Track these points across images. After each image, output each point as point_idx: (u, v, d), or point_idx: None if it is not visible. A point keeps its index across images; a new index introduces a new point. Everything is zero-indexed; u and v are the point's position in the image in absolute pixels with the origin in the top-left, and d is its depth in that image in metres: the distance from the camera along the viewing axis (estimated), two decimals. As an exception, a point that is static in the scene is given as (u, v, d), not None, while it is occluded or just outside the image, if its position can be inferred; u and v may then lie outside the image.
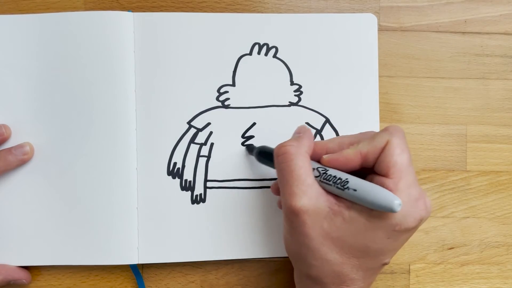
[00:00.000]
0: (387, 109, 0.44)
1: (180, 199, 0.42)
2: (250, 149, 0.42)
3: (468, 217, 0.44)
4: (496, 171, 0.45)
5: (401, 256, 0.44)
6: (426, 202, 0.32)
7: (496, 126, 0.45)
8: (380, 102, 0.44)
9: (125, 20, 0.42)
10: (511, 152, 0.45)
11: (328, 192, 0.33)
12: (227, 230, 0.42)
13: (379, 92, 0.44)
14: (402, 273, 0.44)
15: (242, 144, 0.43)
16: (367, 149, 0.33)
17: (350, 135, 0.36)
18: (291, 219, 0.33)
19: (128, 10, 0.43)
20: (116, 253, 0.41)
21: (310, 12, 0.44)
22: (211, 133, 0.42)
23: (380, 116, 0.43)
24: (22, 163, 0.41)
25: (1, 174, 0.40)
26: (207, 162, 0.42)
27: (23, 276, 0.41)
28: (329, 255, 0.32)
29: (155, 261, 0.41)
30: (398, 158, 0.32)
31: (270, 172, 0.42)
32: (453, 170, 0.44)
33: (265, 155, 0.39)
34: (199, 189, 0.42)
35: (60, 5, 0.43)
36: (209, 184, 0.42)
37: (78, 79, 0.41)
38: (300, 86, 0.43)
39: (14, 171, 0.41)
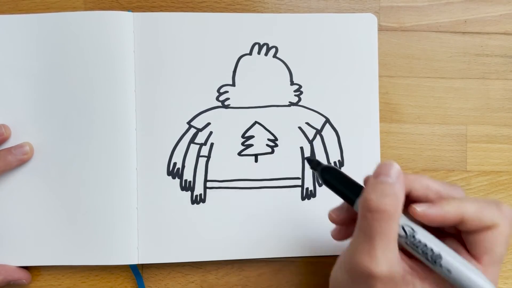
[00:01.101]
0: (387, 109, 0.44)
1: (180, 199, 0.42)
2: (316, 164, 0.34)
3: (468, 217, 0.44)
4: (496, 171, 0.45)
5: (401, 256, 0.44)
6: None
7: (496, 126, 0.45)
8: (380, 102, 0.44)
9: (125, 20, 0.42)
10: (511, 152, 0.45)
11: (404, 255, 0.30)
12: (227, 230, 0.42)
13: (379, 92, 0.44)
14: (402, 273, 0.44)
15: (242, 144, 0.43)
16: (472, 217, 0.29)
17: (437, 182, 0.31)
18: (360, 279, 0.29)
19: (128, 10, 0.43)
20: (116, 253, 0.41)
21: (310, 12, 0.44)
22: (211, 133, 0.42)
23: (380, 116, 0.43)
24: (21, 163, 0.41)
25: (0, 174, 0.40)
26: (207, 162, 0.42)
27: (23, 276, 0.41)
28: None
29: (155, 261, 0.41)
30: (499, 250, 0.29)
31: (270, 172, 0.42)
32: (453, 170, 0.44)
33: (338, 181, 0.32)
34: (199, 189, 0.42)
35: (60, 5, 0.43)
36: (209, 184, 0.42)
37: (78, 79, 0.41)
38: (300, 86, 0.43)
39: (14, 171, 0.41)
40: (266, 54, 0.43)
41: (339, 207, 0.34)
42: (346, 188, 0.32)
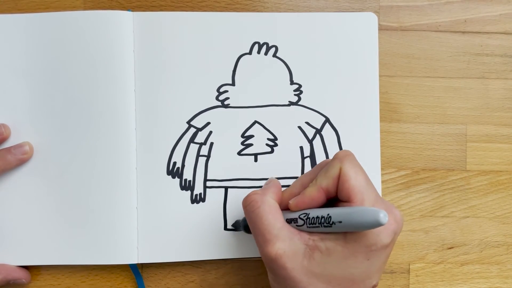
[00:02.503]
0: (387, 108, 0.44)
1: (180, 199, 0.42)
2: (236, 226, 0.42)
3: (468, 217, 0.44)
4: (496, 170, 0.45)
5: (401, 256, 0.44)
6: (395, 215, 0.32)
7: (496, 126, 0.45)
8: (380, 102, 0.43)
9: (124, 20, 0.42)
10: (511, 151, 0.45)
11: (300, 230, 0.33)
12: (227, 229, 0.42)
13: (379, 92, 0.43)
14: (402, 273, 0.44)
15: (242, 143, 0.43)
16: (326, 182, 0.33)
17: (308, 172, 0.36)
18: (272, 266, 0.33)
19: (128, 10, 0.43)
20: (116, 253, 0.41)
21: (310, 11, 0.44)
22: (210, 132, 0.42)
23: (380, 116, 0.43)
24: (21, 162, 0.41)
25: (0, 173, 0.40)
26: (207, 161, 0.42)
27: (22, 275, 0.41)
28: None
29: (154, 260, 0.41)
30: (355, 181, 0.32)
31: (270, 171, 0.42)
32: (453, 170, 0.44)
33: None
34: (198, 189, 0.42)
35: (60, 4, 0.43)
36: (208, 183, 0.42)
37: (77, 79, 0.41)
38: (300, 86, 0.43)
39: (13, 171, 0.41)
40: (266, 54, 0.43)
41: None
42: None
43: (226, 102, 0.43)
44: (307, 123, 0.43)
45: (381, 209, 0.29)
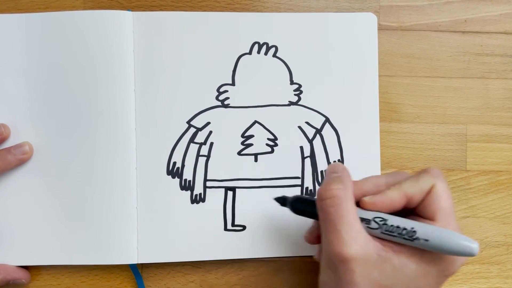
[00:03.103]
0: (387, 108, 0.44)
1: (180, 199, 0.42)
2: (281, 200, 0.38)
3: (468, 217, 0.44)
4: (496, 170, 0.45)
5: (401, 256, 0.44)
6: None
7: (496, 126, 0.45)
8: (380, 102, 0.43)
9: (124, 19, 0.42)
10: (511, 151, 0.45)
11: (375, 237, 0.32)
12: (227, 230, 0.42)
13: (379, 92, 0.43)
14: (402, 273, 0.44)
15: (242, 143, 0.43)
16: (412, 191, 0.32)
17: (383, 175, 0.35)
18: (338, 267, 0.31)
19: (128, 9, 0.43)
20: (116, 253, 0.41)
21: (310, 11, 0.44)
22: (210, 132, 0.42)
23: (380, 116, 0.43)
24: (21, 162, 0.41)
25: (0, 173, 0.40)
26: (207, 161, 0.42)
27: (22, 276, 0.41)
28: None
29: (154, 260, 0.41)
30: (445, 203, 0.32)
31: (270, 171, 0.42)
32: (453, 170, 0.44)
33: (304, 204, 0.36)
34: (198, 189, 0.42)
35: (60, 4, 0.43)
36: (208, 183, 0.42)
37: (77, 79, 0.41)
38: (300, 86, 0.43)
39: (13, 171, 0.41)
40: (266, 54, 0.43)
41: (310, 228, 0.38)
42: (313, 206, 0.34)
43: (226, 102, 0.43)
44: (307, 123, 0.43)
45: (474, 240, 0.29)
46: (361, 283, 0.31)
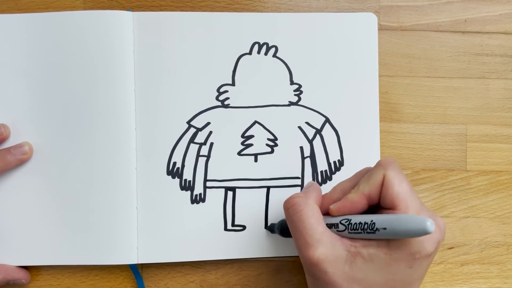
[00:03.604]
0: (387, 108, 0.44)
1: (180, 199, 0.42)
2: (271, 228, 0.42)
3: (468, 217, 0.44)
4: (496, 170, 0.45)
5: (401, 256, 0.44)
6: (439, 224, 0.32)
7: (496, 126, 0.45)
8: (380, 102, 0.43)
9: (124, 20, 0.42)
10: (511, 151, 0.45)
11: (342, 236, 0.33)
12: (227, 230, 0.42)
13: (379, 92, 0.43)
14: (402, 273, 0.44)
15: (242, 143, 0.43)
16: (368, 188, 0.33)
17: (349, 179, 0.36)
18: (312, 271, 0.33)
19: (128, 10, 0.43)
20: (116, 253, 0.41)
21: (310, 11, 0.44)
22: (210, 132, 0.42)
23: (380, 116, 0.43)
24: (21, 162, 0.41)
25: (0, 174, 0.40)
26: (207, 161, 0.42)
27: (22, 276, 0.41)
28: None
29: (154, 261, 0.41)
30: (399, 188, 0.32)
31: (270, 171, 0.42)
32: (453, 170, 0.44)
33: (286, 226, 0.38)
34: (198, 189, 0.42)
35: (60, 4, 0.43)
36: (208, 184, 0.42)
37: (77, 79, 0.41)
38: (300, 86, 0.43)
39: (13, 171, 0.41)
40: (266, 54, 0.43)
41: None
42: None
43: (226, 102, 0.43)
44: (307, 123, 0.43)
45: (428, 217, 0.29)
46: (337, 281, 0.32)
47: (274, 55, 0.43)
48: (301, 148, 0.43)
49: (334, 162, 0.43)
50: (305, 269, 0.34)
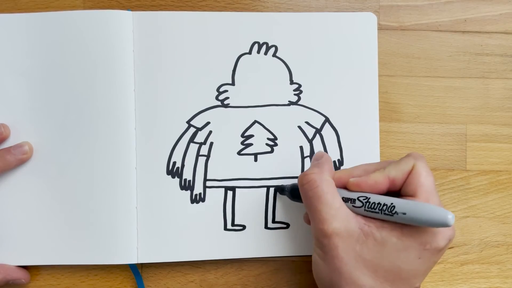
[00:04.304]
0: (386, 108, 0.44)
1: (180, 199, 0.42)
2: (281, 189, 0.42)
3: (468, 217, 0.44)
4: (496, 170, 0.45)
5: (401, 256, 0.44)
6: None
7: (496, 126, 0.45)
8: (379, 101, 0.43)
9: (124, 19, 0.42)
10: (511, 151, 0.45)
11: (357, 213, 0.34)
12: (227, 229, 0.42)
13: (379, 91, 0.43)
14: (402, 273, 0.44)
15: (242, 143, 0.43)
16: (395, 173, 0.34)
17: (374, 163, 0.37)
18: (323, 243, 0.33)
19: (127, 9, 0.43)
20: (115, 253, 0.41)
21: (309, 11, 0.44)
22: (210, 132, 0.42)
23: (379, 115, 0.43)
24: (21, 162, 0.41)
25: (0, 173, 0.40)
26: (207, 161, 0.42)
27: (22, 275, 0.41)
28: (362, 280, 0.32)
29: (154, 260, 0.41)
30: (425, 180, 0.33)
31: (270, 171, 0.42)
32: (453, 170, 0.44)
33: (298, 191, 0.38)
34: (198, 189, 0.42)
35: (59, 4, 0.43)
36: (208, 183, 0.42)
37: (77, 78, 0.41)
38: (300, 85, 0.43)
39: (13, 171, 0.41)
40: (265, 53, 0.43)
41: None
42: None
43: (226, 102, 0.43)
44: (307, 122, 0.43)
45: (449, 212, 0.30)
46: (345, 257, 0.32)
47: (274, 55, 0.43)
48: (301, 147, 0.43)
49: (334, 161, 0.43)
50: (315, 240, 0.34)
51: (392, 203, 0.32)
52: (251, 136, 0.43)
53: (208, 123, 0.42)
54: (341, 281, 0.33)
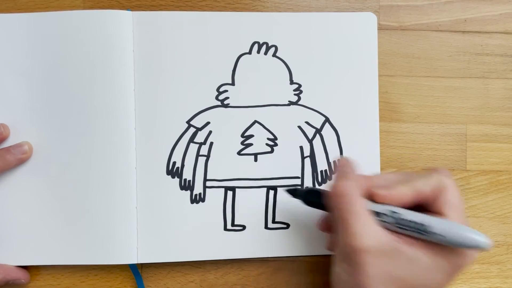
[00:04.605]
0: (386, 108, 0.44)
1: (180, 199, 0.42)
2: (293, 192, 0.40)
3: (468, 217, 0.44)
4: (496, 170, 0.45)
5: (401, 256, 0.44)
6: None
7: (496, 126, 0.45)
8: (379, 101, 0.43)
9: (124, 19, 0.42)
10: (511, 151, 0.45)
11: (385, 228, 0.33)
12: (226, 229, 0.42)
13: (379, 91, 0.43)
14: (402, 273, 0.44)
15: (242, 143, 0.42)
16: (422, 187, 0.33)
17: (395, 173, 0.37)
18: (352, 259, 0.32)
19: (127, 9, 0.43)
20: (115, 253, 0.41)
21: (310, 11, 0.44)
22: (210, 132, 0.42)
23: (380, 116, 0.43)
24: (20, 162, 0.41)
25: (0, 173, 0.40)
26: (207, 161, 0.42)
27: (22, 276, 0.41)
28: None
29: (154, 260, 0.41)
30: (454, 198, 0.33)
31: (270, 171, 0.42)
32: (453, 170, 0.44)
33: (315, 196, 0.37)
34: (198, 189, 0.42)
35: (59, 3, 0.43)
36: (208, 183, 0.42)
37: (77, 78, 0.41)
38: (300, 85, 0.43)
39: (13, 171, 0.41)
40: (265, 53, 0.43)
41: (323, 217, 0.39)
42: (324, 198, 0.36)
43: (226, 102, 0.43)
44: (307, 122, 0.43)
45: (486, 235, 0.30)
46: (373, 274, 0.31)
47: (274, 55, 0.43)
48: (301, 147, 0.43)
49: (334, 161, 0.43)
50: (341, 254, 0.33)
51: (425, 222, 0.31)
52: (251, 136, 0.43)
53: (208, 123, 0.42)
54: None
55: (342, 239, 0.33)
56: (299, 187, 0.41)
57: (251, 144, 0.42)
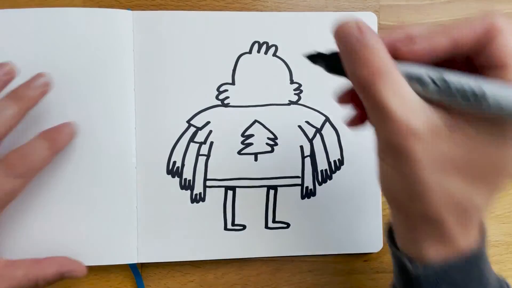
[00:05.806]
0: (387, 108, 0.44)
1: (180, 198, 0.42)
2: (313, 57, 0.31)
3: (468, 216, 0.44)
4: (496, 170, 0.45)
5: (401, 255, 0.44)
6: None
7: (495, 125, 0.45)
8: (380, 101, 0.43)
9: (124, 19, 0.41)
10: (511, 151, 0.45)
11: (424, 97, 0.25)
12: (227, 229, 0.42)
13: (379, 91, 0.43)
14: (402, 272, 0.44)
15: (242, 142, 0.42)
16: (460, 31, 0.24)
17: (423, 25, 0.28)
18: (397, 147, 0.25)
19: (127, 9, 0.43)
20: (115, 253, 0.41)
21: (310, 10, 0.44)
22: (210, 131, 0.42)
23: (380, 115, 0.43)
24: (43, 95, 0.37)
25: (26, 114, 0.36)
26: (207, 161, 0.42)
27: (77, 267, 0.38)
28: (451, 186, 0.25)
29: (154, 260, 0.41)
30: None
31: (270, 171, 0.42)
32: (453, 169, 0.44)
33: (339, 61, 0.28)
34: (198, 188, 0.42)
35: (59, 3, 0.43)
36: (208, 183, 0.42)
37: (76, 77, 0.41)
38: (300, 85, 0.43)
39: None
40: (265, 53, 0.43)
41: (345, 89, 0.32)
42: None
43: (226, 101, 0.42)
44: (307, 122, 0.43)
45: None
46: (427, 162, 0.25)
47: (274, 54, 0.43)
48: (301, 147, 0.43)
49: (334, 161, 0.43)
50: (382, 145, 0.26)
51: (486, 90, 0.23)
52: (251, 135, 0.43)
53: (208, 122, 0.42)
54: (424, 193, 0.25)
55: (379, 121, 0.25)
56: (321, 51, 0.31)
57: (251, 144, 0.42)
